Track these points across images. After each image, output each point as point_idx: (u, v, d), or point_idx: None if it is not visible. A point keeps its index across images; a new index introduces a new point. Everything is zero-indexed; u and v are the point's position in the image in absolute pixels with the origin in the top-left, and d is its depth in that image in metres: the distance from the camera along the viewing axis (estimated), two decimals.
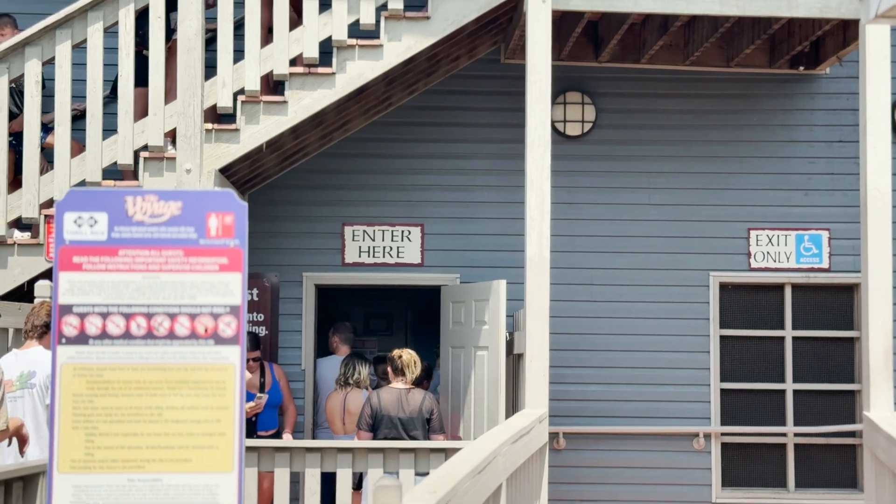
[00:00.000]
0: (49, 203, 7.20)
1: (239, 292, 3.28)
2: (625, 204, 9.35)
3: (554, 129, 9.18)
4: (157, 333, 3.24)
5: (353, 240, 9.26)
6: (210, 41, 7.80)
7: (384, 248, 9.27)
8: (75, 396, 3.34)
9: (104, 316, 3.26)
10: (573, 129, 9.36)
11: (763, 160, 9.37)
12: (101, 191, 3.06)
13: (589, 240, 9.33)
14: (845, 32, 8.19)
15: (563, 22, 8.71)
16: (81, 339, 3.25)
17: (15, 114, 7.63)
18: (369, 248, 9.26)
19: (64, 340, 3.29)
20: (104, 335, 3.27)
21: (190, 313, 3.31)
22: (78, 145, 7.50)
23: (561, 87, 9.18)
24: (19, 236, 7.37)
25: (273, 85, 8.03)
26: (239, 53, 7.39)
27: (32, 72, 7.11)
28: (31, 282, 7.11)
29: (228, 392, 3.22)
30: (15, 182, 7.43)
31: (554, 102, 9.11)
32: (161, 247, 3.21)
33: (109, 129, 7.35)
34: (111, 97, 7.96)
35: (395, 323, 13.42)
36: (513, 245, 8.78)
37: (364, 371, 8.41)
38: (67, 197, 3.16)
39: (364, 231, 9.27)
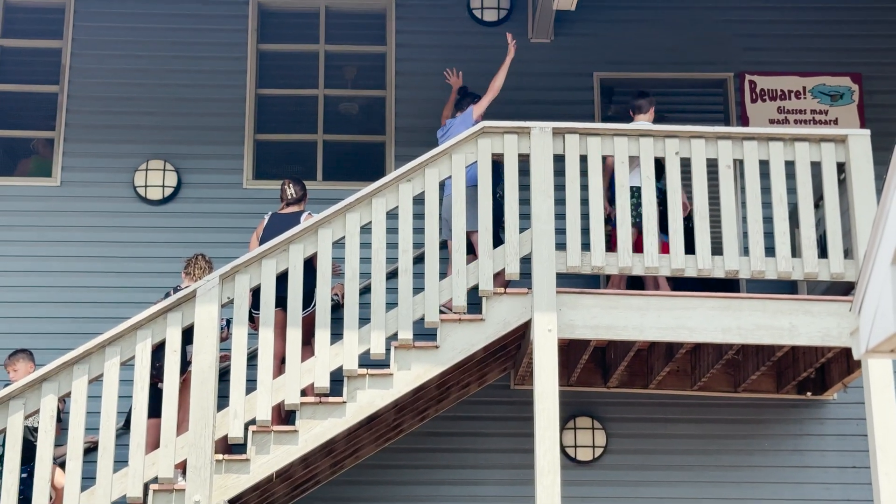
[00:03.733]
0: None
1: None
2: None
3: (565, 454, 9.19)
4: None
5: None
6: (224, 372, 7.96)
7: None
8: None
9: None
10: (584, 455, 9.35)
11: (776, 486, 9.28)
12: None
13: None
14: (848, 360, 8.32)
15: (570, 349, 8.89)
16: None
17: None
18: None
19: None
20: None
21: None
22: None
23: (571, 412, 9.25)
24: None
25: (284, 414, 8.12)
26: (251, 383, 7.51)
27: (48, 407, 7.22)
28: None
29: None
30: None
31: (564, 428, 9.17)
32: None
33: (120, 461, 7.38)
34: (124, 429, 8.04)
35: None
36: None
37: None
38: None
39: None
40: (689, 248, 7.75)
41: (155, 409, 7.60)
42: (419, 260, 7.96)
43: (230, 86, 10.17)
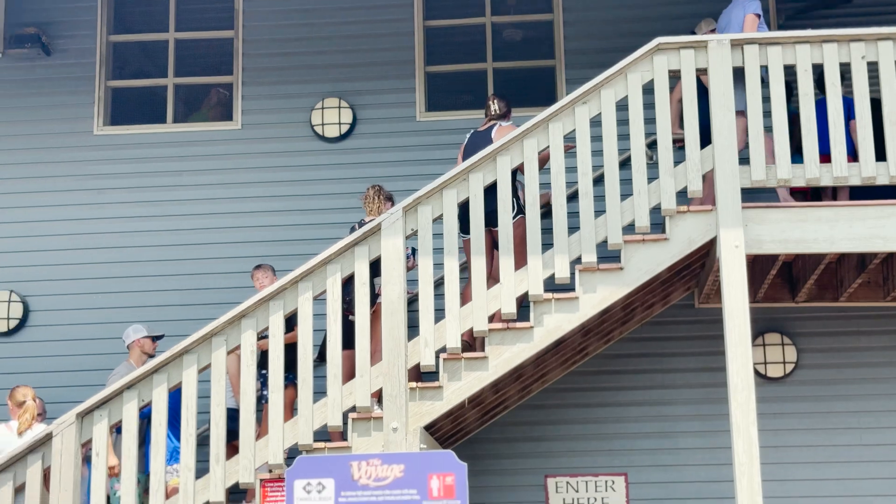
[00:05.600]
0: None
1: None
2: (835, 446, 9.06)
3: (755, 371, 9.07)
4: None
5: (557, 492, 9.19)
6: (411, 302, 8.09)
7: (588, 499, 9.16)
8: None
9: None
10: (775, 371, 9.24)
11: None
12: (328, 457, 3.22)
13: (800, 484, 9.04)
14: None
15: (756, 265, 8.74)
16: None
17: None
18: (573, 499, 9.16)
19: None
20: None
21: None
22: None
23: (759, 328, 9.13)
24: None
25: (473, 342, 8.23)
26: (439, 312, 7.62)
27: (248, 342, 7.48)
28: None
29: None
30: (230, 448, 7.67)
31: (753, 344, 9.04)
32: None
33: (317, 392, 7.59)
34: (318, 361, 8.27)
35: None
36: (723, 492, 8.57)
37: None
38: (297, 464, 3.31)
39: (567, 483, 9.20)
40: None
41: (347, 341, 7.79)
42: (599, 181, 7.93)
43: (398, 19, 10.23)
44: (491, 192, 7.71)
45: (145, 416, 7.68)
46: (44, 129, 10.23)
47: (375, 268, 7.72)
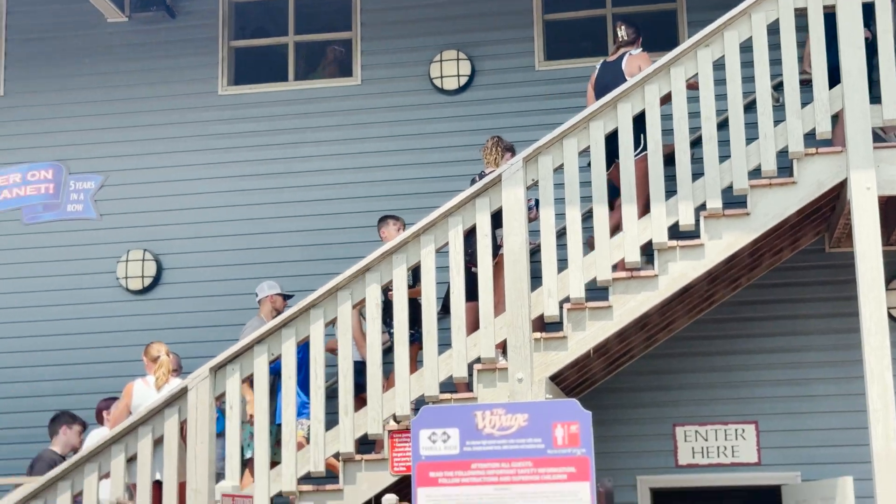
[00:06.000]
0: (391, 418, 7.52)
1: (588, 501, 3.33)
2: None
3: (889, 315, 8.83)
4: None
5: (686, 440, 9.12)
6: (533, 252, 8.07)
7: (718, 447, 9.07)
8: None
9: None
10: None
11: None
12: (453, 407, 3.24)
13: None
14: None
15: (889, 206, 8.47)
16: None
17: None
18: (703, 448, 9.08)
19: None
20: None
21: None
22: None
23: (893, 272, 8.87)
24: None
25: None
26: (562, 263, 7.59)
27: (373, 295, 7.55)
28: (378, 496, 7.37)
29: None
30: (357, 401, 7.78)
31: (887, 288, 8.77)
32: (510, 458, 3.33)
33: (441, 344, 7.64)
34: (442, 314, 8.32)
35: None
36: (856, 439, 8.39)
37: None
38: (422, 414, 3.36)
39: (696, 431, 9.12)
40: None
41: (470, 293, 7.80)
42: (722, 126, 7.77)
43: None
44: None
45: (275, 372, 7.83)
46: (170, 91, 10.43)
47: (497, 220, 7.71)
